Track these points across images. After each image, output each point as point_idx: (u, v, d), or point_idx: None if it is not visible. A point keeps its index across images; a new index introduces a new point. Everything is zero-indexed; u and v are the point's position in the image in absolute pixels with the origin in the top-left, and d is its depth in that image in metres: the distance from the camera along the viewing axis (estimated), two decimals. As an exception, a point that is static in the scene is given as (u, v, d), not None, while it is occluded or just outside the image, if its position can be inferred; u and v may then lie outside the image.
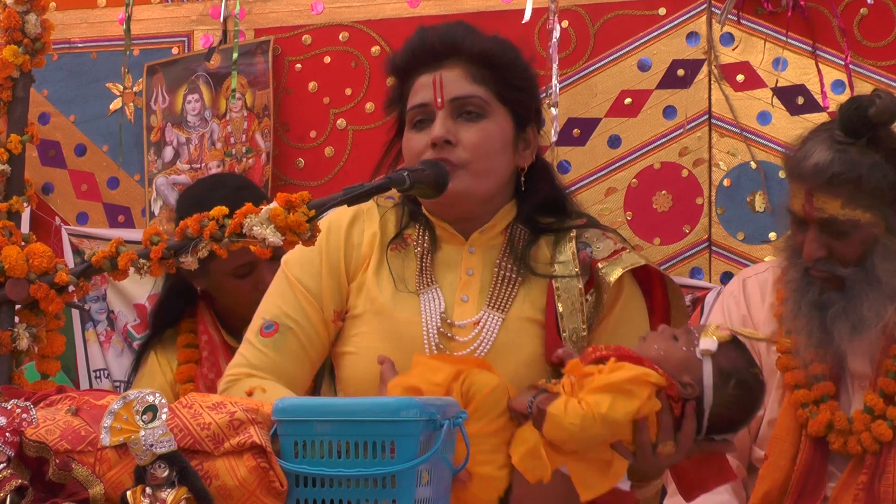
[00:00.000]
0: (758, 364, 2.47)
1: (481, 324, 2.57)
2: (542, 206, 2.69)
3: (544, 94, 3.79)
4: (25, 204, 3.45)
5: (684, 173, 3.90)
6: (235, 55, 4.20)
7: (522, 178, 2.67)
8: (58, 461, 2.02)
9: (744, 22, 3.86)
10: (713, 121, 3.89)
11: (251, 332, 2.65)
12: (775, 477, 3.06)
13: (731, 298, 3.19)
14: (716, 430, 2.42)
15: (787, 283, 3.08)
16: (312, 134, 4.25)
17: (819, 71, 3.80)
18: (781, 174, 3.82)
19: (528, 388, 2.40)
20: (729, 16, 3.84)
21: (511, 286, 2.61)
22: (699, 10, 3.91)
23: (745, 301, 3.18)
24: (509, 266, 2.62)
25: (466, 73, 2.63)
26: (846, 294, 2.99)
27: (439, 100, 2.61)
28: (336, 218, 2.69)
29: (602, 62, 3.99)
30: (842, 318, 2.98)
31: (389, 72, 2.73)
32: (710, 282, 3.86)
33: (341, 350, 2.65)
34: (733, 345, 2.43)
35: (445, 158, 2.59)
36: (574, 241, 2.65)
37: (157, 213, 4.36)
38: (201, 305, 3.69)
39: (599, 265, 2.61)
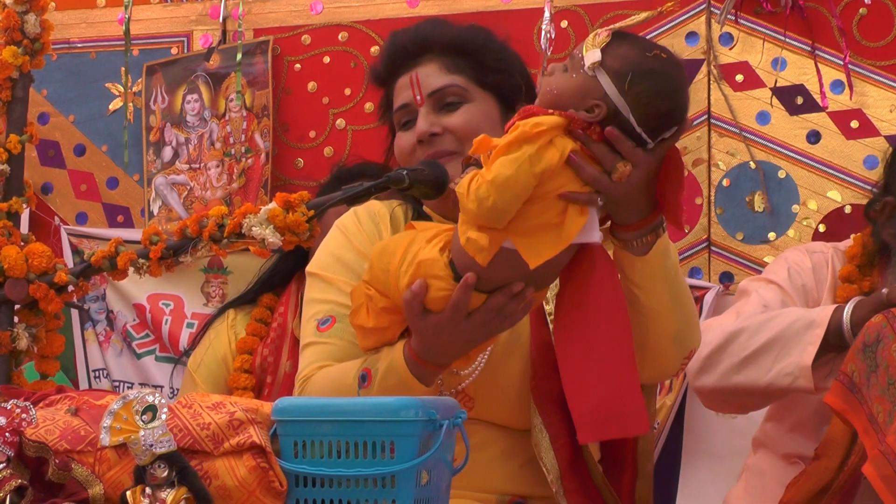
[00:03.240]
0: (656, 45, 2.37)
1: None
2: None
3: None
4: (24, 205, 3.45)
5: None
6: (239, 56, 4.20)
7: None
8: (57, 461, 2.02)
9: (743, 22, 3.86)
10: (712, 121, 3.88)
11: (308, 337, 2.58)
12: (822, 477, 3.04)
13: (794, 266, 3.18)
14: (658, 128, 2.33)
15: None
16: (312, 134, 4.24)
17: (818, 71, 3.80)
18: (781, 174, 3.83)
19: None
20: (728, 16, 3.84)
21: None
22: (698, 10, 3.91)
23: (811, 273, 3.19)
24: None
25: (441, 66, 2.66)
26: None
27: (418, 97, 2.64)
28: (350, 218, 2.68)
29: (601, 62, 3.98)
30: None
31: (373, 82, 2.76)
32: (710, 282, 3.85)
33: None
34: (618, 42, 2.32)
35: (437, 151, 2.61)
36: None
37: (156, 212, 4.35)
38: (291, 289, 3.68)
39: None
